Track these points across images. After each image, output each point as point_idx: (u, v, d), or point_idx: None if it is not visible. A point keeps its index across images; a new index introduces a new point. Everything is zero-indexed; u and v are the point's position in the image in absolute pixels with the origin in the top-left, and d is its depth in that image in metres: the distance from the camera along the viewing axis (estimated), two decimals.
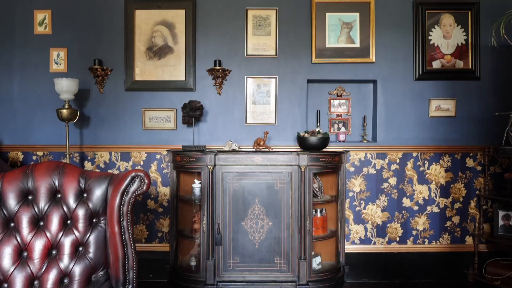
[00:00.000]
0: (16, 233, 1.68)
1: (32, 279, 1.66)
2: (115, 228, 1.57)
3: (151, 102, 3.35)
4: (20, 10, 3.37)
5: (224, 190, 2.83)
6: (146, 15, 3.32)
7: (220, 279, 2.81)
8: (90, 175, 1.79)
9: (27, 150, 3.39)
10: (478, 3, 3.29)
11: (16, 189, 1.71)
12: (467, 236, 3.36)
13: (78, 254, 1.72)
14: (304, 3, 3.32)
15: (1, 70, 3.38)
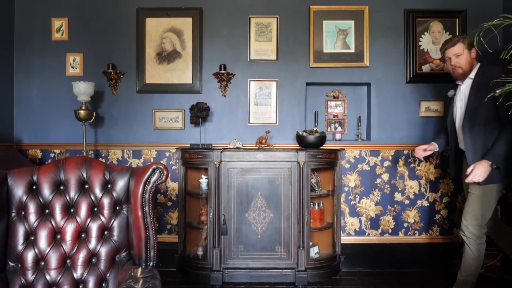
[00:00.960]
0: (50, 218, 1.93)
1: (65, 258, 1.91)
2: (139, 212, 1.82)
3: (160, 103, 3.59)
4: (39, 18, 3.60)
5: (229, 184, 3.07)
6: (156, 22, 3.56)
7: (226, 266, 3.05)
8: (114, 169, 2.04)
9: (45, 148, 3.64)
10: (465, 11, 3.51)
11: (50, 180, 1.96)
12: (454, 228, 3.58)
13: (104, 237, 1.96)
14: (303, 11, 3.55)
15: (21, 74, 3.61)
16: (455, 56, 2.57)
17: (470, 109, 2.54)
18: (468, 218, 2.58)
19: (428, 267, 3.51)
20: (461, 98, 2.66)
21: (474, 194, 2.56)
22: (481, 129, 2.49)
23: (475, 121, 2.50)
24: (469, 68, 2.57)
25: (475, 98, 2.51)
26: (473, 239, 2.57)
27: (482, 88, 2.46)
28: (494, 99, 2.37)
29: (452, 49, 2.58)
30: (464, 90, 2.64)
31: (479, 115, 2.49)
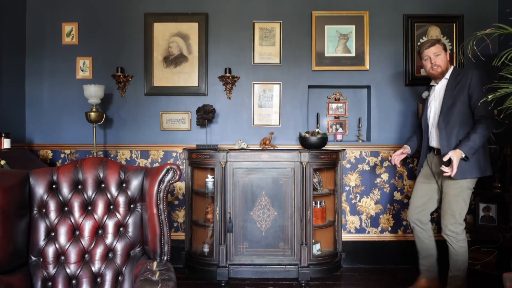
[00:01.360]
0: (70, 215, 2.05)
1: (83, 253, 2.03)
2: (154, 210, 1.94)
3: (167, 105, 3.71)
4: (50, 23, 3.72)
5: (235, 183, 3.19)
6: (163, 27, 3.68)
7: (231, 262, 3.17)
8: (128, 169, 2.16)
9: (56, 148, 3.76)
10: (462, 16, 3.63)
11: (68, 180, 2.08)
12: None
13: (119, 233, 2.08)
14: (305, 16, 3.67)
15: (33, 77, 3.73)
16: (435, 55, 2.69)
17: (445, 107, 2.66)
18: (446, 218, 2.70)
19: None
20: (436, 98, 2.78)
21: (449, 194, 2.68)
22: (456, 126, 2.61)
23: (450, 118, 2.62)
24: (446, 68, 2.71)
25: (450, 97, 2.64)
26: (454, 236, 2.70)
27: (457, 88, 2.62)
28: (468, 97, 2.56)
29: (431, 49, 2.70)
30: (439, 90, 2.77)
31: (454, 113, 2.61)
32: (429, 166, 2.88)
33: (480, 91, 2.53)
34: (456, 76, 2.67)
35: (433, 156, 2.83)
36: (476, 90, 2.56)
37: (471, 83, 2.57)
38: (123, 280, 2.02)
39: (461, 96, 2.60)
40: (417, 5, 3.65)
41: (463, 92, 2.60)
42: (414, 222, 2.93)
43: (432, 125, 2.81)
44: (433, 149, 2.83)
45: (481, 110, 2.52)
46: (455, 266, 2.75)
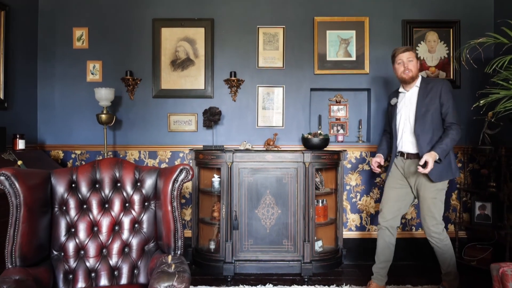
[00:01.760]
0: (88, 212, 2.18)
1: (101, 248, 2.17)
2: (168, 207, 2.07)
3: (175, 107, 3.84)
4: (61, 28, 3.85)
5: (240, 183, 3.32)
6: (171, 32, 3.81)
7: (237, 258, 3.30)
8: (143, 169, 2.30)
9: (67, 149, 3.90)
10: (458, 22, 3.77)
11: (87, 179, 2.22)
12: (449, 224, 3.83)
13: (135, 229, 2.22)
14: (307, 22, 3.80)
15: (44, 80, 3.87)
16: (408, 60, 2.79)
17: (419, 114, 2.75)
18: (427, 221, 2.80)
19: (424, 260, 3.73)
20: (407, 105, 2.85)
21: (428, 197, 2.77)
22: (430, 131, 2.72)
23: (425, 124, 2.72)
24: (416, 75, 2.82)
25: (423, 105, 2.74)
26: (437, 237, 2.80)
27: (429, 96, 2.73)
28: (440, 105, 2.71)
29: (405, 54, 2.81)
30: (410, 97, 2.85)
31: (428, 120, 2.72)
32: (399, 170, 2.92)
33: (450, 100, 2.71)
34: (427, 85, 2.79)
35: (403, 160, 2.88)
36: (447, 98, 2.70)
37: (442, 92, 2.71)
38: (138, 273, 2.16)
39: (433, 104, 2.72)
40: (415, 11, 3.79)
41: (435, 100, 2.72)
42: (386, 227, 2.98)
43: (403, 131, 2.87)
44: (403, 154, 2.88)
45: (451, 117, 2.69)
46: (445, 263, 2.86)
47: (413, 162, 2.81)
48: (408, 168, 2.86)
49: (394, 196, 2.94)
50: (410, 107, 2.83)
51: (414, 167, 2.78)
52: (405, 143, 2.86)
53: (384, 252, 2.99)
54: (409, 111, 2.84)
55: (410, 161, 2.84)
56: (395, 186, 2.94)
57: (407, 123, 2.84)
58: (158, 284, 1.67)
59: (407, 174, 2.87)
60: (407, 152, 2.85)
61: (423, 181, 2.77)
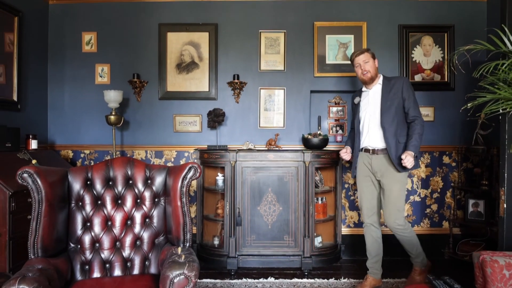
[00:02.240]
0: (103, 208, 2.34)
1: (115, 241, 2.32)
2: (178, 203, 2.22)
3: (180, 109, 4.00)
4: (71, 32, 4.01)
5: (243, 181, 3.47)
6: (176, 37, 3.96)
7: (240, 253, 3.46)
8: (153, 167, 2.45)
9: (76, 149, 4.05)
10: (453, 26, 3.91)
11: (101, 177, 2.37)
12: (444, 221, 3.99)
13: (146, 223, 2.37)
14: (308, 27, 3.95)
15: (54, 82, 4.02)
16: (364, 62, 2.92)
17: (385, 109, 2.87)
18: (392, 213, 2.90)
19: None
20: (371, 102, 2.97)
21: (394, 190, 2.88)
22: (394, 125, 2.84)
23: (390, 118, 2.85)
24: (375, 74, 2.95)
25: (387, 100, 2.87)
26: (401, 228, 2.92)
27: (392, 91, 2.87)
28: (402, 100, 2.84)
29: (360, 57, 2.94)
30: (373, 95, 2.97)
31: (392, 114, 2.85)
32: (367, 166, 3.01)
33: (412, 95, 2.86)
34: (389, 81, 2.93)
35: (369, 156, 2.98)
36: (408, 94, 2.85)
37: (404, 87, 2.86)
38: (149, 264, 2.32)
39: (397, 99, 2.86)
40: (411, 16, 3.94)
41: (398, 95, 2.86)
42: (370, 224, 3.08)
43: (369, 126, 2.97)
44: (369, 150, 2.98)
45: (414, 111, 2.84)
46: (413, 248, 3.00)
47: (379, 156, 2.92)
48: (375, 163, 2.95)
49: (368, 193, 3.05)
50: (375, 102, 2.94)
51: (381, 161, 2.90)
52: (372, 138, 2.95)
53: (373, 247, 3.11)
54: (374, 107, 2.95)
55: (376, 156, 2.94)
56: (366, 183, 3.05)
57: (373, 118, 2.94)
58: (170, 272, 1.83)
59: (375, 169, 2.96)
60: (374, 147, 2.95)
61: (389, 175, 2.89)
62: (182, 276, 1.82)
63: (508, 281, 1.45)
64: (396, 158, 2.83)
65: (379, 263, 3.14)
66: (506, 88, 2.13)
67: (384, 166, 2.91)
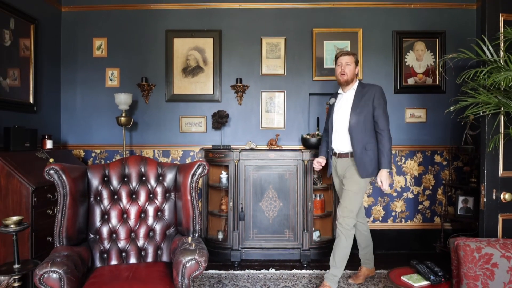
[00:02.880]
0: (119, 202, 2.56)
1: (130, 232, 2.54)
2: (188, 197, 2.45)
3: (186, 110, 4.22)
4: (82, 38, 4.23)
5: (246, 179, 3.69)
6: (182, 42, 4.19)
7: (243, 246, 3.68)
8: (164, 165, 2.68)
9: (87, 148, 4.28)
10: (444, 32, 4.13)
11: (117, 174, 2.60)
12: (435, 216, 4.21)
13: (158, 216, 2.60)
14: (306, 33, 4.18)
15: (67, 85, 4.25)
16: (346, 64, 2.97)
17: (354, 115, 2.93)
18: (345, 212, 2.95)
19: (413, 249, 4.13)
20: (342, 107, 3.04)
21: (350, 191, 2.96)
22: (361, 132, 2.92)
23: (358, 125, 2.91)
24: (352, 78, 3.01)
25: (357, 106, 2.93)
26: (348, 229, 2.96)
27: (364, 99, 2.94)
28: (372, 109, 2.91)
29: (345, 57, 3.00)
30: (346, 98, 3.04)
31: (361, 121, 2.91)
32: (333, 168, 3.14)
33: (382, 104, 2.92)
34: (363, 88, 3.00)
35: (335, 159, 3.09)
36: (378, 103, 2.91)
37: (375, 97, 2.92)
38: (162, 253, 2.54)
39: (367, 107, 2.92)
40: (404, 23, 4.16)
41: (369, 103, 2.92)
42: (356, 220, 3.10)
43: (337, 130, 3.05)
44: (335, 153, 3.09)
45: (382, 123, 2.90)
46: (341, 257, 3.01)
47: (343, 160, 3.02)
48: (340, 166, 3.07)
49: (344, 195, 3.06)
50: (346, 107, 3.01)
51: (345, 164, 3.01)
52: (339, 143, 3.04)
53: (362, 239, 3.25)
54: (344, 111, 3.01)
55: (341, 159, 3.05)
56: (339, 184, 3.18)
57: (342, 122, 3.01)
58: (183, 258, 2.05)
59: (339, 172, 3.09)
60: (340, 151, 3.05)
61: (350, 177, 2.97)
62: (193, 261, 2.05)
63: (477, 262, 1.67)
64: (361, 164, 2.90)
65: (371, 253, 3.29)
66: (485, 93, 2.36)
67: (347, 169, 3.00)
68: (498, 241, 1.74)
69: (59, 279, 1.89)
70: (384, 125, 2.91)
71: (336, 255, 3.02)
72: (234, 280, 3.32)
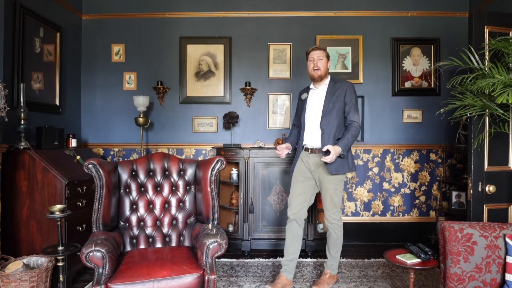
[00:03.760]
0: (146, 194, 2.87)
1: (156, 220, 2.85)
2: (208, 189, 2.75)
3: (198, 112, 4.53)
4: (101, 44, 4.54)
5: (255, 175, 3.99)
6: (195, 48, 4.50)
7: (252, 236, 3.99)
8: (185, 161, 2.99)
9: (106, 147, 4.59)
10: (439, 39, 4.44)
11: (144, 169, 2.90)
12: (431, 210, 4.51)
13: (180, 207, 2.91)
14: (311, 39, 4.49)
15: (87, 88, 4.56)
16: (318, 58, 2.99)
17: (326, 110, 2.94)
18: (330, 209, 3.03)
19: (409, 241, 4.41)
20: (315, 102, 3.04)
21: (330, 189, 2.99)
22: (334, 127, 2.93)
23: (330, 120, 2.93)
24: (324, 73, 3.03)
25: (329, 102, 2.95)
26: (336, 223, 3.04)
27: (336, 94, 2.96)
28: (344, 104, 2.94)
29: (316, 52, 3.02)
30: (318, 95, 3.05)
31: (333, 116, 2.93)
32: (304, 164, 3.09)
33: (353, 100, 2.95)
34: (335, 84, 3.02)
35: (308, 155, 3.05)
36: (350, 98, 2.94)
37: (347, 92, 2.95)
38: (184, 239, 2.85)
39: (338, 102, 2.93)
40: (402, 30, 4.47)
41: (340, 99, 2.94)
42: (294, 219, 3.11)
43: (309, 125, 3.03)
44: (308, 149, 3.05)
45: (353, 115, 2.93)
46: (335, 249, 3.10)
47: (317, 156, 2.99)
48: (312, 162, 3.03)
49: (300, 189, 3.10)
50: (318, 103, 3.01)
51: (318, 160, 2.98)
52: (311, 138, 3.02)
53: (292, 244, 3.09)
54: (316, 107, 3.01)
55: (314, 155, 3.02)
56: (301, 179, 3.11)
57: (314, 117, 3.00)
58: (207, 240, 2.36)
59: (311, 168, 3.04)
60: (312, 147, 3.03)
61: (325, 175, 2.98)
62: (215, 243, 2.36)
63: (460, 240, 1.97)
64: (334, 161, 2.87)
65: (295, 262, 3.11)
66: (471, 97, 2.66)
67: (320, 166, 2.99)
68: (478, 224, 2.04)
69: (102, 257, 2.20)
70: (354, 118, 2.94)
71: (330, 248, 3.13)
72: (245, 267, 3.63)
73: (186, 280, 2.23)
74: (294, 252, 3.10)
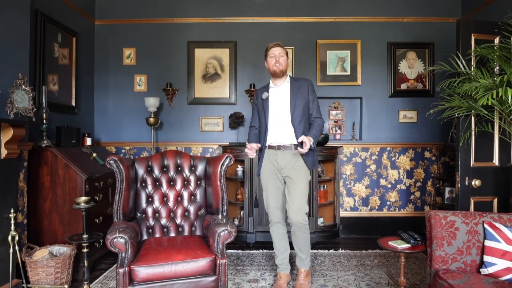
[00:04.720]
0: (160, 187, 3.12)
1: (170, 212, 3.10)
2: (218, 183, 3.00)
3: (205, 112, 4.79)
4: (113, 48, 4.80)
5: None
6: (202, 52, 4.76)
7: (257, 229, 4.23)
8: (196, 157, 3.24)
9: (118, 145, 4.85)
10: (433, 43, 4.69)
11: (158, 164, 3.16)
12: (425, 205, 4.75)
13: (191, 200, 3.16)
14: (311, 44, 4.74)
15: (100, 90, 4.82)
16: (279, 55, 2.95)
17: (293, 108, 2.93)
18: (301, 207, 2.95)
19: None
20: (280, 100, 2.99)
21: (299, 185, 2.94)
22: (301, 123, 2.94)
23: (297, 117, 2.92)
24: (286, 69, 3.00)
25: (295, 99, 2.94)
26: (305, 224, 3.00)
27: (299, 92, 2.95)
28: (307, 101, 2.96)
29: (277, 48, 2.97)
30: (283, 91, 3.01)
31: (300, 113, 2.93)
32: (272, 163, 3.03)
33: (315, 97, 3.00)
34: (296, 82, 3.02)
35: (276, 152, 2.99)
36: (312, 96, 2.99)
37: (309, 90, 2.98)
38: (195, 229, 3.10)
39: (303, 99, 2.94)
40: (398, 35, 4.72)
41: (304, 96, 2.95)
42: (279, 222, 3.14)
43: (277, 124, 2.98)
44: (274, 146, 3.00)
45: (316, 112, 2.99)
46: (306, 248, 3.07)
47: (286, 152, 2.95)
48: (282, 159, 2.98)
49: (274, 191, 3.09)
50: (284, 100, 2.97)
51: (288, 156, 2.95)
52: (278, 136, 2.97)
53: (281, 243, 3.18)
54: (283, 104, 2.97)
55: (282, 152, 2.96)
56: (272, 181, 3.08)
57: (283, 115, 2.96)
58: (218, 228, 2.62)
59: (281, 165, 2.99)
60: (280, 144, 2.97)
61: (297, 169, 2.95)
62: (226, 231, 2.61)
63: (444, 227, 2.22)
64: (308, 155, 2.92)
65: (288, 258, 3.20)
66: (458, 98, 2.92)
67: (291, 162, 2.95)
68: (460, 212, 2.30)
69: (125, 243, 2.45)
70: (317, 114, 3.00)
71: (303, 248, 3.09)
72: (251, 258, 3.88)
73: (200, 264, 2.49)
74: (285, 250, 3.19)
